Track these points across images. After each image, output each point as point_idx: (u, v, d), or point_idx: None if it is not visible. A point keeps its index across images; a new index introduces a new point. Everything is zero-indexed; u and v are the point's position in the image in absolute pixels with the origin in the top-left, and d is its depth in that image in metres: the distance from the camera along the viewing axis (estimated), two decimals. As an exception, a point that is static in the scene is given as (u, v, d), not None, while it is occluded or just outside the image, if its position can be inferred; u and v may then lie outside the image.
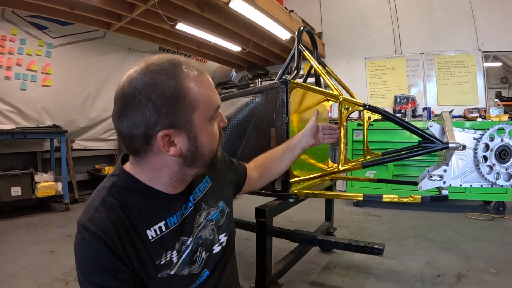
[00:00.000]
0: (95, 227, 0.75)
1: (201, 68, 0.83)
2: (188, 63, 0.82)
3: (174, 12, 4.38)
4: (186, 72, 0.79)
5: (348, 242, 2.07)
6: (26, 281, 2.38)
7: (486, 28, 5.28)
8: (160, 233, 0.85)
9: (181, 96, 0.77)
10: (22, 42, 4.58)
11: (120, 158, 0.93)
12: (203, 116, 0.82)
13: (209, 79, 0.85)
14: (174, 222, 0.89)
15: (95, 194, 0.85)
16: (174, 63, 0.79)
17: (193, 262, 0.92)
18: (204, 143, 0.84)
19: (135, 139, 0.78)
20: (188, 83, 0.78)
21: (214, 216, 1.02)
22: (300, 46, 2.02)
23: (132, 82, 0.76)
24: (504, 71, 8.77)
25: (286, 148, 1.50)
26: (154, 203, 0.86)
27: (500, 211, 3.95)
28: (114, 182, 0.85)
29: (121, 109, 0.78)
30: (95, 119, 5.60)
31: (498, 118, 4.14)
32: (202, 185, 1.03)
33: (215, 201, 1.05)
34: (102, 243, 0.74)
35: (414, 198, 1.58)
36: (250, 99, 1.94)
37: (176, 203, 0.91)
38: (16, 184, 4.08)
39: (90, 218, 0.77)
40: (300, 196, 1.79)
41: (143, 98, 0.74)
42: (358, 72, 6.13)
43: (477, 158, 1.45)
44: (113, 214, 0.78)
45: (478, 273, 2.41)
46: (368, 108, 1.64)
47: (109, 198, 0.81)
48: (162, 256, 0.85)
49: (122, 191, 0.84)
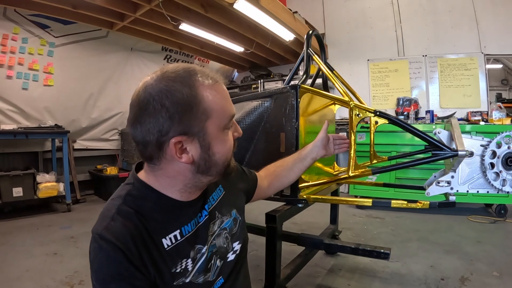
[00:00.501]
0: (111, 236, 0.75)
1: (216, 77, 0.84)
2: (204, 72, 0.83)
3: (178, 12, 4.37)
4: (201, 80, 0.80)
5: (354, 246, 2.07)
6: (30, 284, 2.37)
7: (489, 31, 5.29)
8: (175, 241, 0.85)
9: (195, 104, 0.78)
10: (24, 41, 4.56)
11: (134, 167, 0.94)
12: (216, 125, 0.82)
13: (224, 89, 0.86)
14: (189, 231, 0.89)
15: (110, 203, 0.85)
16: (189, 71, 0.80)
17: (207, 270, 0.92)
18: (217, 151, 0.84)
19: (148, 145, 0.79)
20: (202, 91, 0.79)
21: (227, 224, 1.03)
22: (309, 50, 2.01)
23: (147, 89, 0.77)
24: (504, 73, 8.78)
25: (297, 158, 1.51)
26: (169, 211, 0.86)
27: (501, 214, 3.96)
28: (129, 191, 0.85)
29: (135, 115, 0.79)
30: (97, 119, 5.58)
31: (500, 121, 4.15)
32: (216, 194, 1.04)
33: (228, 210, 1.06)
34: (119, 251, 0.74)
35: (422, 204, 1.57)
36: (259, 103, 1.94)
37: (191, 211, 0.92)
38: (18, 184, 4.07)
39: (106, 227, 0.77)
40: (309, 201, 1.79)
41: (157, 105, 0.75)
42: (361, 74, 6.14)
43: (484, 164, 1.45)
44: (129, 223, 0.79)
45: (482, 276, 2.42)
46: (379, 114, 1.64)
47: (124, 207, 0.81)
48: (178, 264, 0.85)
49: (138, 200, 0.84)
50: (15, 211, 4.25)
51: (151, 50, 6.22)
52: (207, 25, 4.83)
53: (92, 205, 4.87)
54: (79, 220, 4.02)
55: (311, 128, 2.04)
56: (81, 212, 4.42)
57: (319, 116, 2.21)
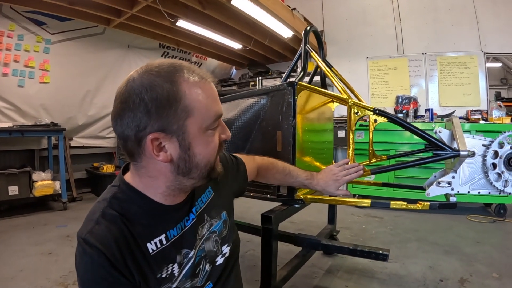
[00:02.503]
0: (95, 240, 0.74)
1: (203, 75, 0.81)
2: (191, 68, 0.80)
3: (175, 8, 4.34)
4: (185, 76, 0.77)
5: (352, 247, 2.04)
6: (25, 284, 2.34)
7: (489, 29, 5.28)
8: (160, 246, 0.83)
9: (175, 101, 0.75)
10: (20, 38, 4.52)
11: (122, 169, 0.91)
12: (198, 124, 0.78)
13: (211, 87, 0.82)
14: (174, 235, 0.87)
15: (95, 205, 0.83)
16: (175, 67, 0.78)
17: (195, 275, 0.90)
18: (198, 152, 0.80)
19: (128, 140, 0.77)
20: (185, 88, 0.76)
21: (217, 227, 1.01)
22: (307, 46, 1.98)
23: (130, 83, 0.75)
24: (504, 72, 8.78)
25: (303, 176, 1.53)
26: (154, 215, 0.84)
27: (501, 213, 3.95)
28: (114, 194, 0.84)
29: (117, 108, 0.77)
30: (93, 117, 5.54)
31: (500, 120, 4.12)
32: (205, 196, 1.01)
33: (217, 212, 1.03)
34: (103, 256, 0.73)
35: (422, 205, 1.54)
36: (255, 100, 1.90)
37: (177, 215, 0.89)
38: (14, 183, 4.04)
39: (91, 231, 0.76)
40: (306, 201, 1.75)
41: (137, 99, 0.73)
42: (360, 72, 6.11)
43: (486, 165, 1.42)
44: (114, 227, 0.77)
45: (481, 278, 2.40)
46: (378, 112, 1.60)
47: (109, 210, 0.80)
48: (163, 269, 0.83)
49: (123, 203, 0.82)
50: (11, 209, 4.23)
51: (148, 47, 6.18)
52: (204, 21, 4.80)
53: (89, 203, 4.83)
54: (75, 218, 4.00)
55: (309, 127, 2.01)
56: (77, 211, 4.40)
57: (317, 114, 2.18)
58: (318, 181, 1.52)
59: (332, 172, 1.53)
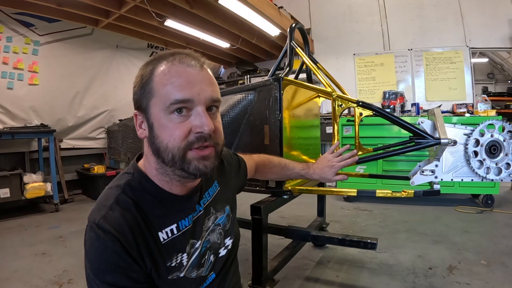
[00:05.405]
0: (110, 226, 0.75)
1: (188, 62, 0.80)
2: (183, 54, 0.82)
3: (163, 8, 4.36)
4: (167, 61, 0.80)
5: (342, 237, 2.10)
6: (20, 284, 2.34)
7: (473, 25, 5.37)
8: (171, 235, 0.85)
9: (147, 81, 0.80)
10: (8, 40, 4.47)
11: (136, 157, 0.94)
12: (159, 106, 0.78)
13: (188, 73, 0.78)
14: (186, 225, 0.89)
15: (108, 191, 0.84)
16: (172, 53, 0.83)
17: (201, 265, 0.93)
18: (159, 135, 0.79)
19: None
20: (158, 71, 0.79)
21: (221, 220, 1.04)
22: (292, 42, 2.02)
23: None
24: (490, 67, 8.91)
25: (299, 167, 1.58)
26: (167, 205, 0.86)
27: (488, 204, 4.02)
28: (128, 181, 0.85)
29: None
30: (83, 118, 5.50)
31: (485, 113, 4.20)
32: (212, 190, 1.04)
33: (222, 206, 1.06)
34: (117, 242, 0.74)
35: (407, 193, 1.59)
36: (243, 96, 1.94)
37: (188, 206, 0.92)
38: (5, 185, 4.00)
39: (105, 216, 0.76)
40: (294, 192, 1.80)
41: (137, 78, 0.83)
42: (347, 68, 6.18)
43: (467, 153, 1.48)
44: (128, 214, 0.78)
45: (469, 265, 2.46)
46: (361, 104, 1.65)
47: (123, 196, 0.81)
48: (173, 258, 0.85)
49: (137, 191, 0.84)
50: (2, 212, 4.18)
51: (137, 47, 6.16)
52: (192, 21, 4.82)
53: (80, 204, 4.82)
54: (67, 219, 3.98)
55: (295, 122, 2.05)
56: (69, 212, 4.37)
57: (304, 110, 2.22)
58: (314, 170, 1.56)
59: (327, 159, 1.57)
